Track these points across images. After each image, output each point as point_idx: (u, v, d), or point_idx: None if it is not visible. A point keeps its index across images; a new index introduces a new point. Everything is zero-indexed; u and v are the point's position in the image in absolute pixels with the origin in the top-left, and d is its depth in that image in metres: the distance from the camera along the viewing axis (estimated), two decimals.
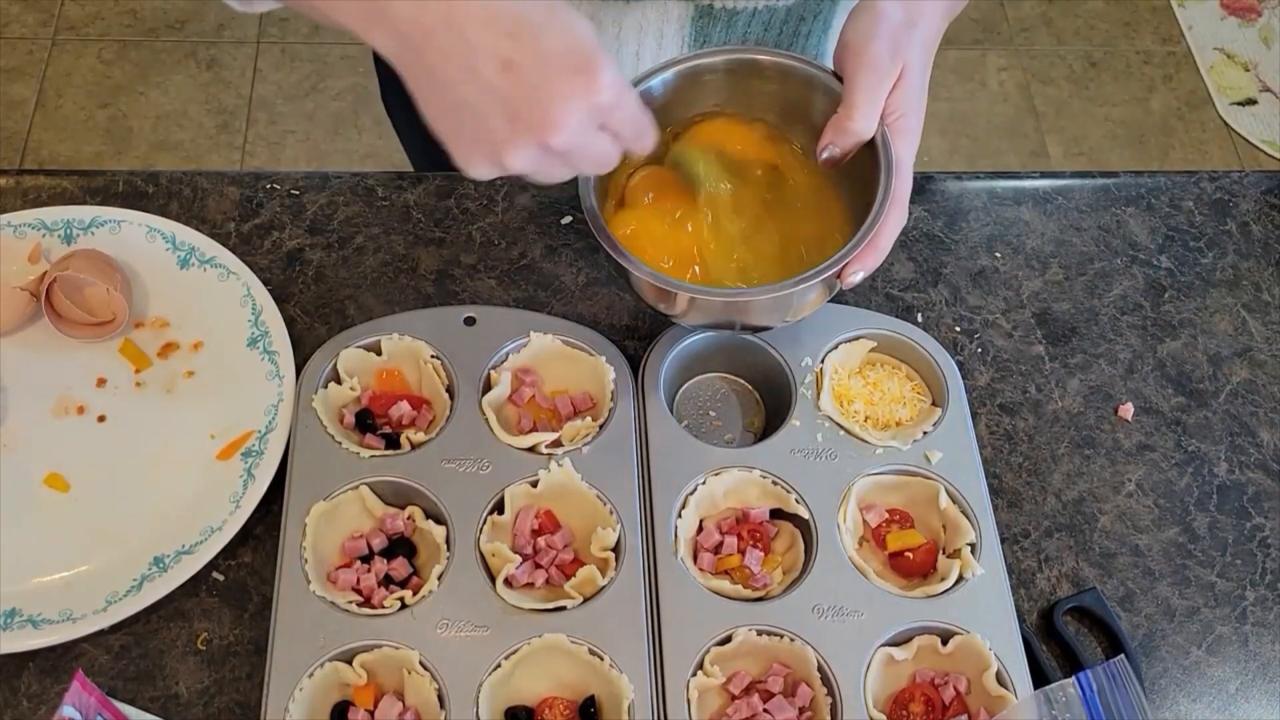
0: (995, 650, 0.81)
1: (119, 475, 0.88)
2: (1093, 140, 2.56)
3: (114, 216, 0.98)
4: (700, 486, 0.87)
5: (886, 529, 0.88)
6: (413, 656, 0.78)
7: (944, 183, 1.09)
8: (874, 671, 0.81)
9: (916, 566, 0.86)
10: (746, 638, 0.81)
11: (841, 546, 0.85)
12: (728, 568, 0.85)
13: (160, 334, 0.94)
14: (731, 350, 0.95)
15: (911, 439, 0.90)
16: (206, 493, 0.86)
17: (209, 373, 0.93)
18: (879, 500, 0.89)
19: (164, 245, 0.97)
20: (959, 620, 0.82)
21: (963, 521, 0.86)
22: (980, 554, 0.85)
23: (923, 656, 0.82)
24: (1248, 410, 0.99)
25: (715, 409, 0.95)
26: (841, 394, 0.93)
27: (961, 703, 0.81)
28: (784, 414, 0.91)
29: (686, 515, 0.86)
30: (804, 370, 0.92)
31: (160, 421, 0.90)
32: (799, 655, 0.81)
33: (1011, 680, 0.80)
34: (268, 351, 0.92)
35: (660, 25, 0.98)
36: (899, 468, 0.89)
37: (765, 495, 0.88)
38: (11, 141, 2.44)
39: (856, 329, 0.95)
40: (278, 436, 0.87)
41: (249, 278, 0.95)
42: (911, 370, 0.96)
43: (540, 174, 0.72)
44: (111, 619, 0.80)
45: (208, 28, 2.66)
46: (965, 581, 0.84)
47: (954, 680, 0.81)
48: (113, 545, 0.84)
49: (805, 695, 0.80)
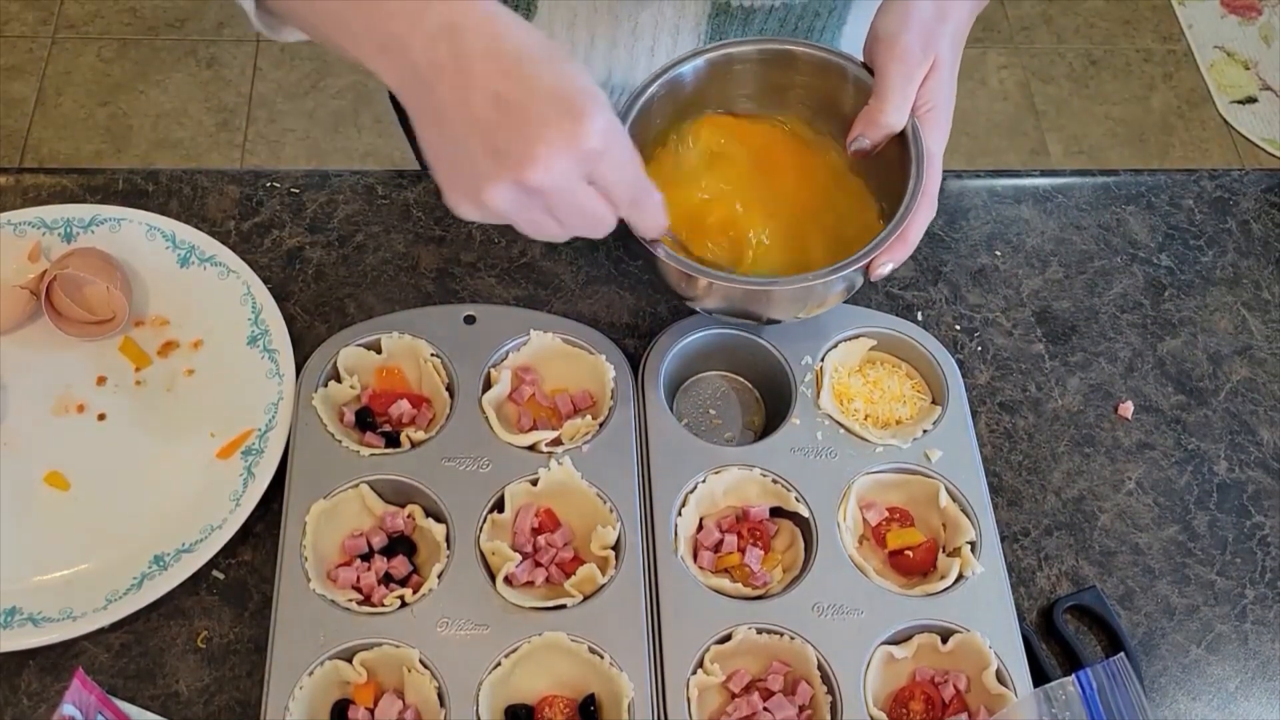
0: (995, 648, 0.81)
1: (119, 474, 0.88)
2: (1093, 139, 2.55)
3: (114, 215, 0.98)
4: (700, 485, 0.87)
5: (886, 527, 0.88)
6: (413, 655, 0.78)
7: (944, 181, 1.09)
8: (874, 670, 0.80)
9: (916, 565, 0.86)
10: (746, 636, 0.81)
11: (841, 545, 0.85)
12: (727, 566, 0.85)
13: (160, 332, 0.94)
14: (731, 349, 0.95)
15: (911, 437, 0.90)
16: (207, 491, 0.86)
17: (209, 371, 0.93)
18: (879, 499, 0.89)
19: (164, 244, 0.97)
20: (959, 619, 0.82)
21: (962, 520, 0.86)
22: (980, 552, 0.85)
23: (923, 655, 0.82)
24: (1247, 409, 0.99)
25: (715, 407, 0.95)
26: (841, 392, 0.93)
27: (961, 701, 0.81)
28: (784, 412, 0.91)
29: (686, 513, 0.86)
30: (804, 369, 0.92)
31: (160, 420, 0.90)
32: (799, 653, 0.81)
33: (1011, 678, 0.80)
34: (268, 350, 0.92)
35: (676, 21, 0.99)
36: (899, 466, 0.89)
37: (765, 494, 0.88)
38: (11, 140, 2.44)
39: (856, 327, 0.95)
40: (278, 435, 0.87)
41: (249, 276, 0.95)
42: (911, 369, 0.95)
43: (525, 222, 0.70)
44: (112, 617, 0.80)
45: (208, 26, 2.66)
46: (965, 580, 0.84)
47: (954, 678, 0.81)
48: (113, 544, 0.84)
49: (805, 693, 0.80)
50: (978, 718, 0.80)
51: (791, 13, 0.99)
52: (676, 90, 0.88)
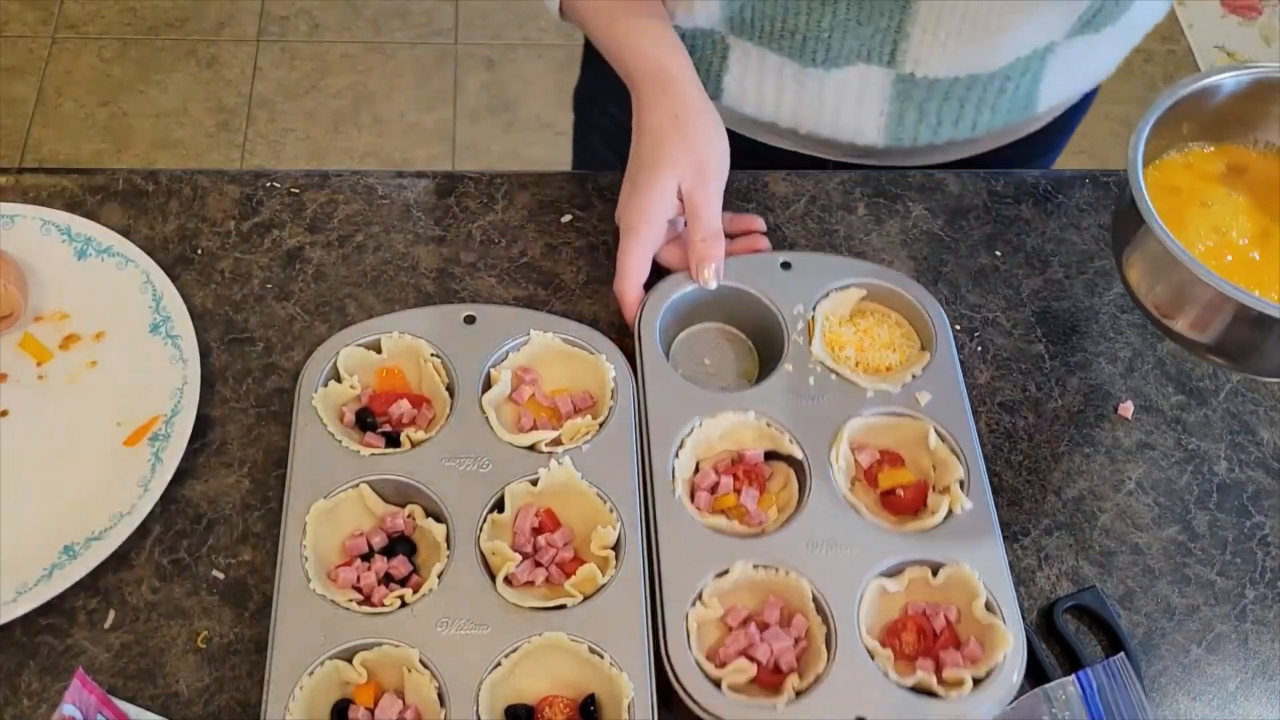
0: (984, 580, 0.83)
1: (24, 468, 0.88)
2: (1093, 138, 2.55)
3: (6, 212, 0.98)
4: (696, 429, 0.89)
5: (878, 469, 0.90)
6: (413, 655, 0.78)
7: (944, 181, 1.09)
8: (867, 602, 0.83)
9: (907, 504, 0.88)
10: (744, 571, 0.83)
11: (835, 485, 0.87)
12: (724, 507, 0.87)
13: (61, 326, 0.94)
14: (725, 300, 0.97)
15: (901, 382, 0.92)
16: (115, 480, 0.86)
17: (113, 362, 0.93)
18: (870, 441, 0.91)
19: (59, 237, 0.97)
20: (949, 553, 0.84)
21: (951, 459, 0.88)
22: (969, 489, 0.87)
23: (914, 588, 0.84)
24: (1247, 408, 0.99)
25: (710, 357, 0.98)
26: (833, 340, 0.95)
27: (952, 631, 0.83)
28: (777, 361, 0.93)
29: (683, 456, 0.88)
30: (796, 318, 0.94)
31: (65, 413, 0.90)
32: (794, 587, 0.82)
33: (1000, 607, 0.82)
34: (170, 336, 0.92)
35: (860, 89, 1.02)
36: (889, 410, 0.91)
37: (760, 438, 0.90)
38: (11, 140, 2.44)
39: (847, 278, 0.97)
40: (184, 420, 0.88)
41: (147, 264, 0.95)
42: (901, 318, 0.97)
43: None
44: (23, 608, 0.80)
45: (208, 26, 2.66)
46: (954, 516, 0.86)
47: (944, 610, 0.83)
48: (21, 537, 0.84)
49: (800, 625, 0.82)
50: (967, 646, 0.81)
51: (979, 80, 1.01)
52: (1200, 101, 0.86)
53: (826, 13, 0.95)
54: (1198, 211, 0.85)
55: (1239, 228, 0.85)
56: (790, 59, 1.01)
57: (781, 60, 1.01)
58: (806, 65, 1.01)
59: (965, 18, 0.94)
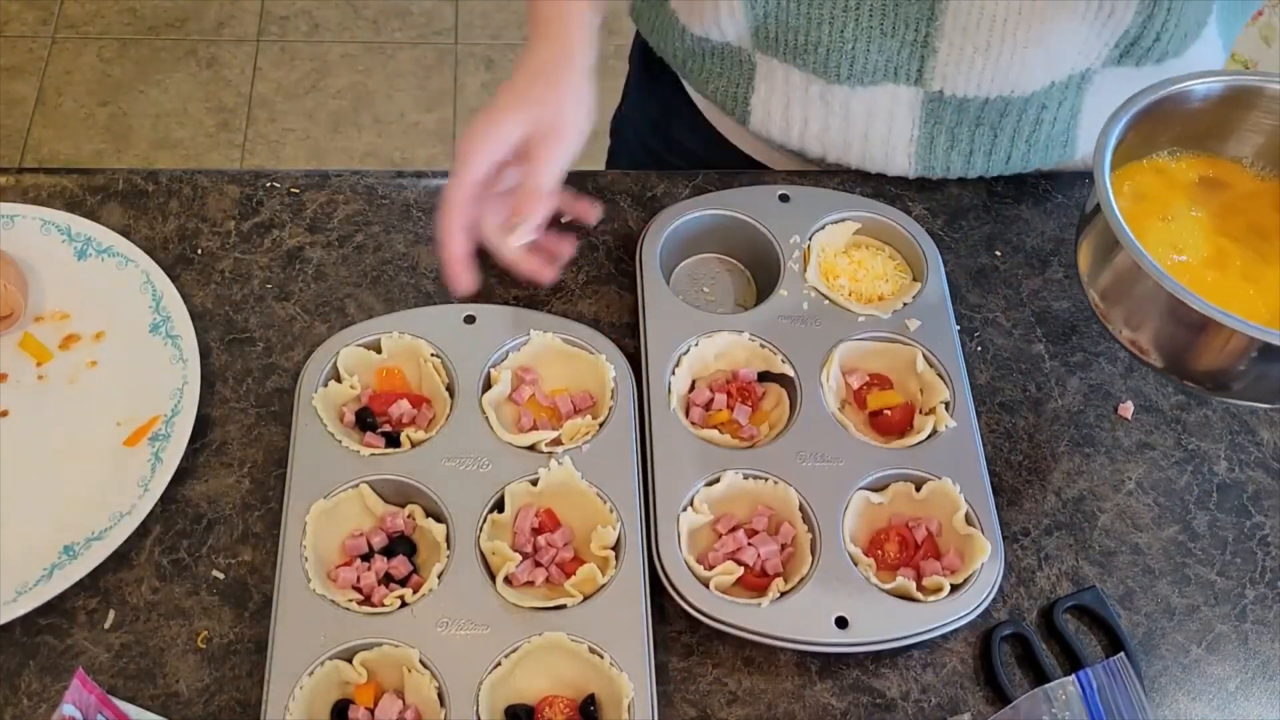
0: (965, 494, 0.86)
1: (25, 469, 0.88)
2: None
3: (7, 212, 0.98)
4: (693, 348, 0.92)
5: (867, 391, 0.93)
6: (413, 655, 0.78)
7: (944, 181, 1.09)
8: (852, 512, 0.86)
9: (895, 425, 0.91)
10: (734, 481, 0.86)
11: (824, 403, 0.90)
12: (718, 422, 0.90)
13: (61, 326, 0.95)
14: (724, 231, 1.01)
15: (892, 309, 0.95)
16: (115, 480, 0.86)
17: (113, 362, 0.93)
18: (860, 365, 0.94)
19: (60, 237, 0.97)
20: (932, 469, 0.88)
21: (938, 382, 0.92)
22: (954, 410, 0.90)
23: (898, 501, 0.88)
24: (1247, 408, 0.99)
25: (708, 285, 1.01)
26: (828, 270, 0.99)
27: (933, 543, 0.86)
28: (773, 289, 0.97)
29: (680, 373, 0.91)
30: (792, 247, 0.98)
31: (65, 413, 0.91)
32: (782, 496, 0.86)
33: (979, 520, 0.85)
34: (170, 336, 0.92)
35: (890, 108, 1.02)
36: (879, 334, 0.94)
37: (754, 357, 0.93)
38: (11, 140, 2.44)
39: (842, 212, 1.00)
40: (184, 420, 0.88)
41: (148, 264, 0.96)
42: (894, 250, 1.01)
43: None
44: (23, 608, 0.80)
45: (207, 26, 2.66)
46: (939, 434, 0.89)
47: (926, 522, 0.86)
48: (21, 538, 0.84)
49: (788, 533, 0.85)
50: (947, 557, 0.85)
51: (1013, 105, 1.00)
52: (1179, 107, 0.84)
53: (849, 21, 0.95)
54: (1158, 225, 0.83)
55: (1193, 249, 0.82)
56: (815, 75, 1.00)
57: (807, 77, 1.01)
58: (832, 81, 1.00)
59: (993, 30, 0.93)
